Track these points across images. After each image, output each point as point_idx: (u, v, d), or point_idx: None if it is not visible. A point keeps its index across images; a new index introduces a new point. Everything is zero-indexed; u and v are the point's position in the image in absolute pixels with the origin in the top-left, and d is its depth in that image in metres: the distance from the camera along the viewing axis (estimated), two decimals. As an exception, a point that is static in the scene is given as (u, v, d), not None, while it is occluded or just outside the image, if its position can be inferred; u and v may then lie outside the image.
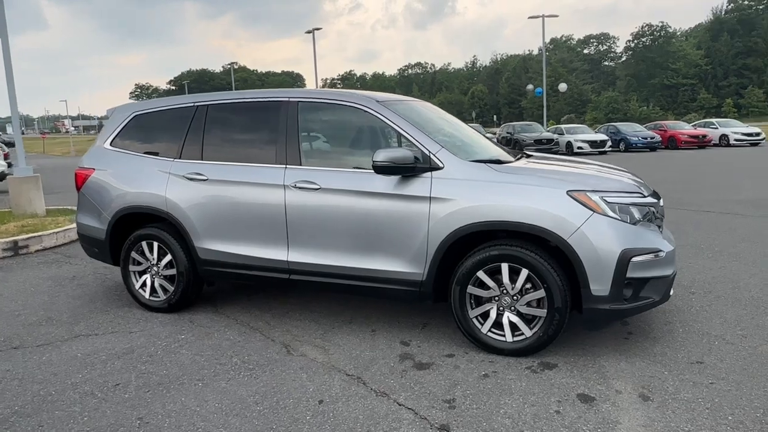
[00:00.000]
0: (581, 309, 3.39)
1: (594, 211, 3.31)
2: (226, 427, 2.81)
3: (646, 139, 26.97)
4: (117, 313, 4.60)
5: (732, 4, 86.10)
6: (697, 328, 3.94)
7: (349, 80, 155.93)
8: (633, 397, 3.00)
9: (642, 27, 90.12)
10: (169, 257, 4.47)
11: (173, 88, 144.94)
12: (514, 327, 3.52)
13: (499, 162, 3.84)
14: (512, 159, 4.15)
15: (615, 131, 28.48)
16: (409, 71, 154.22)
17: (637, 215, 3.43)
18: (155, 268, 4.58)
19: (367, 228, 3.77)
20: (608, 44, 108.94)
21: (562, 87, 42.85)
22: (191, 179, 4.32)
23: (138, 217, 4.65)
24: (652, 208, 3.58)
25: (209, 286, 5.02)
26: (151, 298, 4.62)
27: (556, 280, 3.34)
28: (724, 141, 27.84)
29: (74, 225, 8.13)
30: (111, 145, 4.83)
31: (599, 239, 3.27)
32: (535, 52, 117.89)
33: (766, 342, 3.65)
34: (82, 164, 4.94)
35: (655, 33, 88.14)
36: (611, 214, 3.34)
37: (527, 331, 3.48)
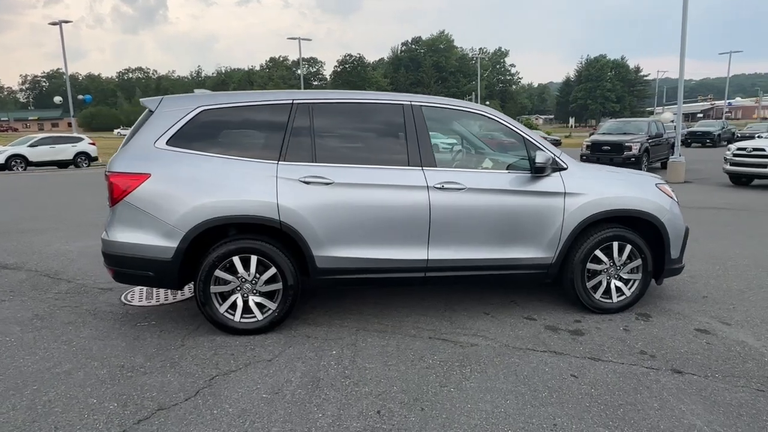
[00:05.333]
0: (657, 274, 4.07)
1: (672, 198, 4.04)
2: (565, 411, 2.58)
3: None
4: (204, 345, 3.41)
5: (404, 47, 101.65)
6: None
7: (57, 79, 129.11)
8: (720, 324, 3.81)
9: (345, 56, 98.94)
10: (272, 271, 3.52)
11: None
12: (618, 290, 4.00)
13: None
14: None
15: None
16: (130, 75, 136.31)
17: (676, 200, 4.30)
18: (248, 285, 3.54)
19: (508, 221, 3.73)
20: (317, 67, 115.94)
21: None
22: (308, 183, 3.49)
23: (219, 230, 3.52)
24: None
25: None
26: (243, 320, 3.56)
27: (649, 251, 3.96)
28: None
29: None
30: (168, 144, 3.48)
31: (677, 218, 4.02)
32: (257, 68, 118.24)
33: (734, 280, 4.97)
34: (123, 168, 3.42)
35: (354, 62, 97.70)
36: (677, 200, 4.11)
37: (627, 292, 4.00)
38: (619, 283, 4.00)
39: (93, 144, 22.50)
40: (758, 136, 25.10)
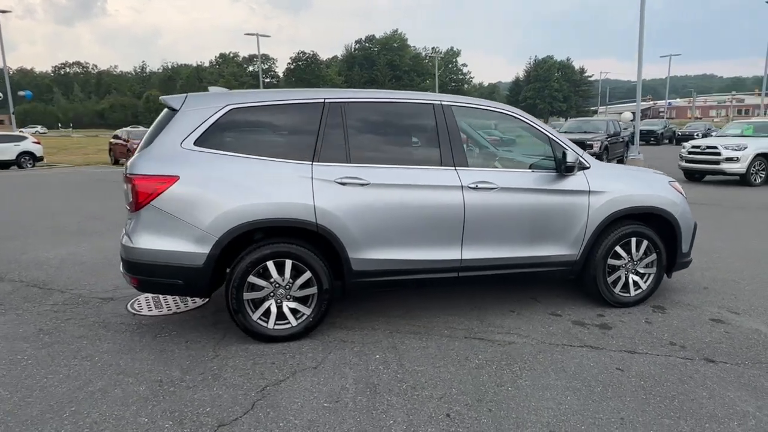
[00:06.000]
0: (669, 268, 4.25)
1: (683, 195, 4.23)
2: (626, 404, 2.64)
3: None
4: (240, 355, 3.26)
5: (358, 45, 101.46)
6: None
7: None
8: (730, 314, 4.03)
9: (298, 53, 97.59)
10: (307, 275, 3.42)
11: None
12: (635, 284, 4.15)
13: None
14: None
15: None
16: (68, 69, 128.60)
17: (681, 197, 4.50)
18: (282, 291, 3.42)
19: (538, 220, 3.79)
20: (269, 64, 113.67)
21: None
22: (344, 184, 3.41)
23: (248, 235, 3.37)
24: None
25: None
26: (277, 326, 3.43)
27: (663, 246, 4.13)
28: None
29: None
30: (196, 144, 3.29)
31: (687, 214, 4.21)
32: (206, 64, 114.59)
33: (725, 272, 5.25)
34: (149, 170, 3.20)
35: (308, 59, 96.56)
36: (685, 196, 4.31)
37: (644, 286, 4.16)
38: (636, 278, 4.15)
39: (38, 143, 21.07)
40: (696, 135, 26.90)
